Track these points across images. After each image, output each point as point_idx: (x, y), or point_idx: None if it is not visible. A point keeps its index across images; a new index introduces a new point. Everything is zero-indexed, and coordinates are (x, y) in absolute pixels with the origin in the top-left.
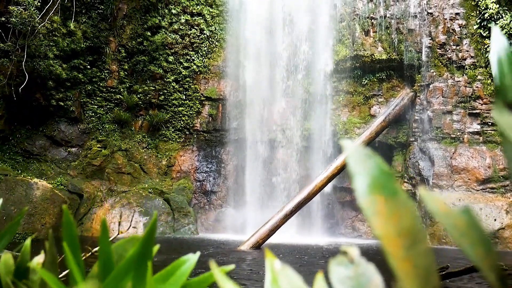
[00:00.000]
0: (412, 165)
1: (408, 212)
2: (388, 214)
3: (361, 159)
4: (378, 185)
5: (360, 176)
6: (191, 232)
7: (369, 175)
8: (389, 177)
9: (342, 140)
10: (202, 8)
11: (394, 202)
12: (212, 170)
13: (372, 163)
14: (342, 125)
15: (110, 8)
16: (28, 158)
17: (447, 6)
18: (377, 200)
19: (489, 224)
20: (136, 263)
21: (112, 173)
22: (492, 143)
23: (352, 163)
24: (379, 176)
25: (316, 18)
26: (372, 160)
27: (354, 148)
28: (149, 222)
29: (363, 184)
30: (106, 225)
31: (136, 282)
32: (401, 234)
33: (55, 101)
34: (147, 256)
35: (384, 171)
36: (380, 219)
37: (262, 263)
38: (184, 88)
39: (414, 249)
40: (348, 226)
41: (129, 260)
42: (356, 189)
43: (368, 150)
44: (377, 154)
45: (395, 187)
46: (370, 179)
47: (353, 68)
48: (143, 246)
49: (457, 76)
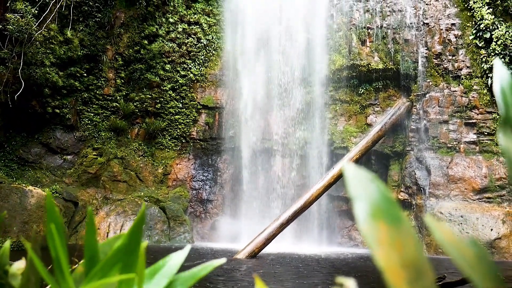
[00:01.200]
0: (408, 175)
1: (412, 241)
2: (390, 243)
3: (361, 183)
4: (380, 212)
5: (360, 201)
6: (186, 241)
7: (371, 201)
8: (392, 203)
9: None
10: (200, 17)
11: (397, 230)
12: (208, 179)
13: (374, 187)
14: (338, 134)
15: (107, 17)
16: (23, 165)
17: (443, 16)
18: (379, 228)
19: (486, 234)
20: (124, 254)
21: (108, 181)
22: (489, 152)
23: (352, 187)
24: (381, 201)
25: (313, 27)
26: (373, 184)
27: (354, 171)
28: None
29: (364, 210)
30: (92, 218)
31: (125, 273)
32: (404, 265)
33: (51, 109)
34: (136, 247)
35: (387, 196)
36: (382, 248)
37: (256, 273)
38: (181, 97)
39: (418, 283)
40: (345, 235)
41: (116, 251)
42: (357, 215)
43: (369, 173)
44: (378, 179)
45: (398, 214)
46: (371, 205)
47: (349, 77)
48: (131, 236)
49: (453, 86)
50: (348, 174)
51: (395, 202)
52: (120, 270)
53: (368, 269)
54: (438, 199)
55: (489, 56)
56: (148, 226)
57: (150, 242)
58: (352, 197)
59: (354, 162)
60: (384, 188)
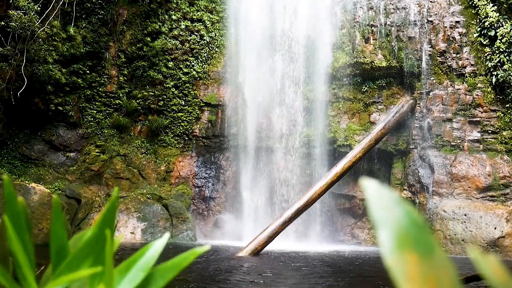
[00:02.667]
0: (412, 173)
1: (447, 275)
2: (422, 278)
3: (386, 205)
4: (409, 240)
5: (385, 228)
6: (189, 238)
7: (397, 227)
8: (423, 229)
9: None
10: (202, 14)
11: (430, 262)
12: (211, 176)
13: (401, 211)
14: (341, 132)
15: (110, 14)
16: (26, 162)
17: (447, 14)
18: (408, 260)
19: (489, 233)
20: (95, 246)
21: (111, 178)
22: (492, 151)
23: (374, 210)
24: (410, 228)
25: (316, 25)
26: (400, 207)
27: (376, 191)
28: (147, 228)
29: (389, 238)
30: (58, 205)
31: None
32: None
33: (54, 106)
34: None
35: (416, 221)
36: (412, 284)
37: (258, 271)
38: (184, 94)
39: None
40: (348, 233)
41: (87, 242)
42: (381, 244)
43: (394, 193)
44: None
45: (430, 242)
46: (398, 232)
47: (353, 75)
48: (102, 225)
49: (457, 84)
50: (370, 194)
51: (426, 227)
52: (91, 263)
53: (371, 268)
54: (441, 197)
55: (494, 54)
56: (151, 224)
57: (153, 240)
58: (375, 222)
59: (357, 161)
60: (413, 211)
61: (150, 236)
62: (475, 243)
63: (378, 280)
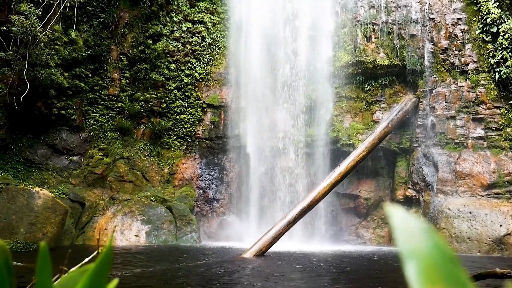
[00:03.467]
0: (416, 171)
1: None
2: None
3: (413, 235)
4: (439, 275)
5: (412, 259)
6: (193, 240)
7: (426, 259)
8: (453, 261)
9: (386, 206)
10: (204, 16)
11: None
12: (214, 178)
13: (430, 242)
14: (344, 131)
15: (111, 17)
16: (29, 167)
17: (449, 11)
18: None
19: (495, 230)
20: None
21: (114, 181)
22: (497, 148)
23: (401, 240)
24: (440, 262)
25: (317, 24)
26: (429, 238)
27: (402, 219)
28: (151, 230)
29: (418, 271)
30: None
31: None
32: None
33: (57, 110)
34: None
35: (447, 255)
36: None
37: (262, 273)
38: (186, 96)
39: None
40: (352, 233)
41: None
42: (408, 277)
43: (422, 222)
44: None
45: (461, 276)
46: (427, 266)
47: (355, 74)
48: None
49: (460, 81)
50: (396, 223)
51: (457, 261)
52: None
53: (376, 267)
54: (446, 195)
55: (496, 50)
56: (155, 226)
57: (157, 242)
58: (401, 253)
59: (361, 160)
60: (443, 243)
61: (154, 239)
62: (481, 241)
63: (388, 282)
